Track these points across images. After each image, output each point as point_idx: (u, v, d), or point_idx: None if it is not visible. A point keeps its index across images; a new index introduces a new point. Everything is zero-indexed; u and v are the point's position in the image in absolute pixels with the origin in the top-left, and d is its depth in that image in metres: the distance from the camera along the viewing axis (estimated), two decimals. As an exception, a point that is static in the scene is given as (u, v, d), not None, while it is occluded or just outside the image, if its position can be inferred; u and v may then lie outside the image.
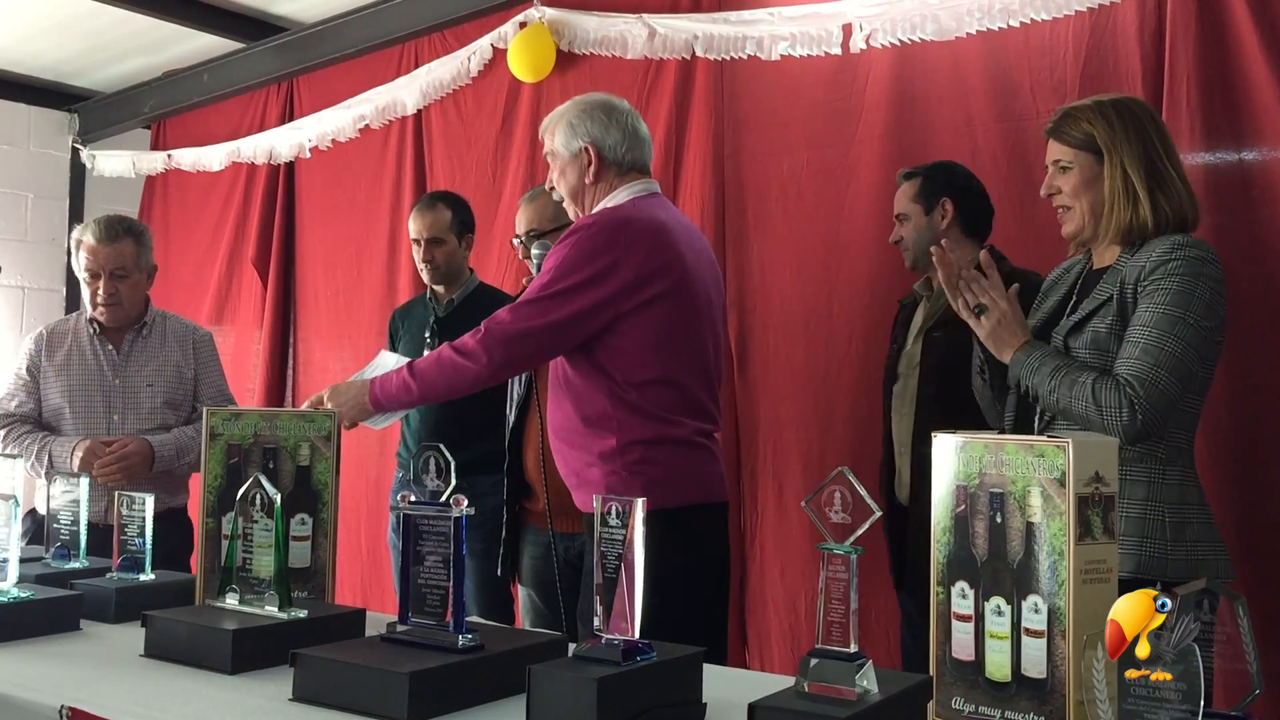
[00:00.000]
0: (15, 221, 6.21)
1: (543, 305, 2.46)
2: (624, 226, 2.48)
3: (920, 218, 3.10)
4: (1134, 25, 3.15)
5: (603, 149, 2.60)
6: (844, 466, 1.46)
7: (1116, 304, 2.18)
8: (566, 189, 2.66)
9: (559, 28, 4.30)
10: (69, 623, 2.13)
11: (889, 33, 3.55)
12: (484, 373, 2.49)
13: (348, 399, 2.56)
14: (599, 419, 2.48)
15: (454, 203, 3.82)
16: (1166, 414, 2.11)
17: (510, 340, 2.47)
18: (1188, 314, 2.11)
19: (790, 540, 3.67)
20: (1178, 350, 2.10)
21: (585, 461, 2.51)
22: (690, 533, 2.48)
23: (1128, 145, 2.24)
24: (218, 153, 5.80)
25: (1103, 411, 2.10)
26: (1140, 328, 2.13)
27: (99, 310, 3.49)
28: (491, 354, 2.46)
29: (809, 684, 1.44)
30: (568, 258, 2.47)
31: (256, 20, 5.40)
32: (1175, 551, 2.12)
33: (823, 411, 3.66)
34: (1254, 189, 2.95)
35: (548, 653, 1.72)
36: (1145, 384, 2.08)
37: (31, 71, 6.11)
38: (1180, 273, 2.14)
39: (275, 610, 1.91)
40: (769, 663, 3.67)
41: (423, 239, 3.73)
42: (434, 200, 3.82)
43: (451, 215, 3.75)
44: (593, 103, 2.66)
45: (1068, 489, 1.41)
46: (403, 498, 1.77)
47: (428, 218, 3.74)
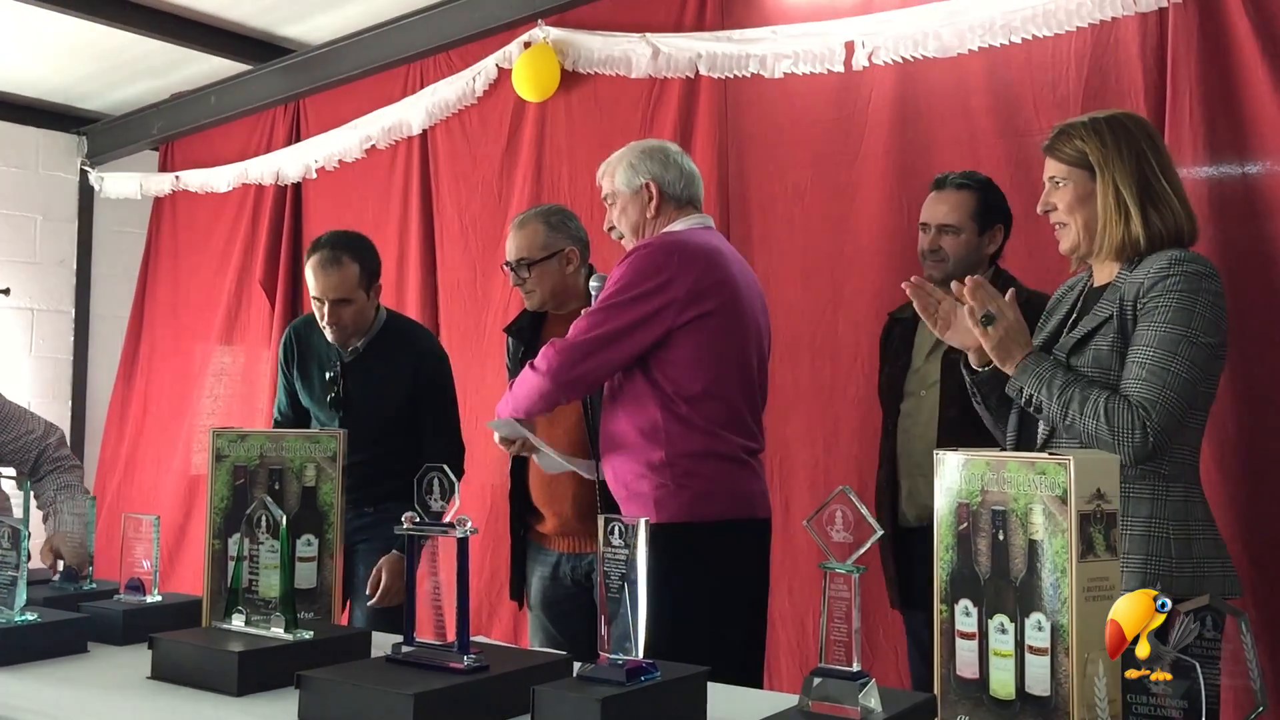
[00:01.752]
0: (25, 243, 6.24)
1: (600, 316, 2.58)
2: (679, 247, 2.62)
3: (974, 236, 2.97)
4: (1136, 41, 3.16)
5: (663, 185, 2.74)
6: (845, 486, 1.46)
7: (1117, 321, 2.19)
8: (628, 224, 2.77)
9: (563, 47, 4.32)
10: (76, 645, 2.14)
11: (891, 50, 3.56)
12: (547, 384, 2.59)
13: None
14: (650, 430, 2.57)
15: (359, 252, 3.28)
16: (1174, 435, 2.11)
17: (569, 350, 2.58)
18: (1190, 331, 2.11)
19: (798, 557, 3.66)
20: (1183, 371, 2.10)
21: (636, 473, 2.59)
22: (731, 546, 2.60)
23: (1120, 162, 2.25)
24: (225, 174, 5.82)
25: (1115, 432, 2.09)
26: (1144, 348, 2.13)
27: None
28: (551, 363, 2.58)
29: (812, 703, 1.44)
30: (625, 274, 2.59)
31: (263, 42, 5.43)
32: (1181, 568, 2.12)
33: (829, 427, 3.66)
34: (1258, 202, 2.95)
35: (552, 673, 1.72)
36: (1156, 407, 2.08)
37: (40, 95, 6.16)
38: (1179, 289, 2.14)
39: (281, 632, 1.92)
40: (777, 680, 3.65)
41: (326, 300, 3.22)
42: (336, 254, 3.22)
43: (359, 270, 3.23)
44: (650, 145, 2.82)
45: (1069, 506, 1.41)
46: (407, 518, 1.77)
47: (332, 277, 3.20)
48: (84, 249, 6.47)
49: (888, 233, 3.57)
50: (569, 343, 2.58)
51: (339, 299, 3.21)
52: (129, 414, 6.15)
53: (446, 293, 4.80)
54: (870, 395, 3.53)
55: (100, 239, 6.51)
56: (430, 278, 4.87)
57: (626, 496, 2.63)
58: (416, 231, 4.92)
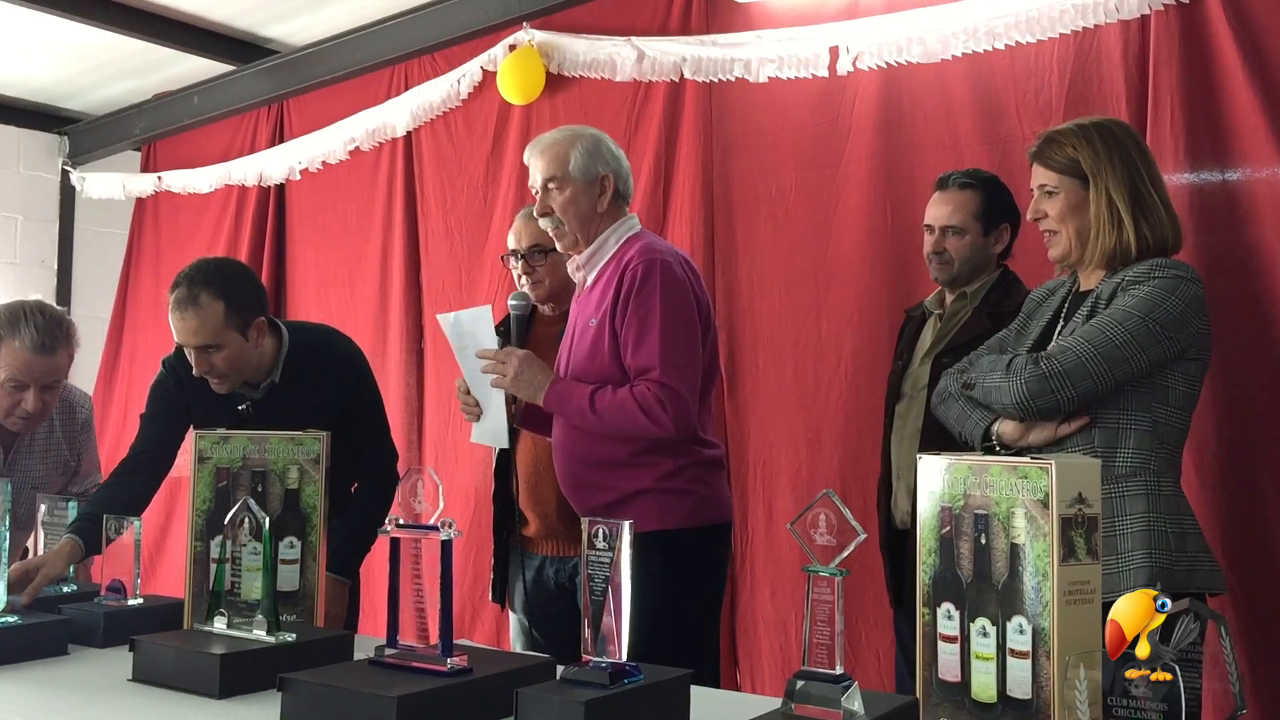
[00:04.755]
0: (5, 244, 6.20)
1: (686, 354, 2.55)
2: (683, 261, 2.65)
3: (979, 236, 2.92)
4: (1118, 48, 3.18)
5: (618, 180, 2.69)
6: (829, 490, 1.47)
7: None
8: (577, 216, 2.66)
9: (548, 50, 4.33)
10: (56, 647, 2.13)
11: (875, 55, 3.57)
12: (670, 431, 2.52)
13: (530, 378, 2.61)
14: (663, 442, 2.56)
15: (224, 286, 2.71)
16: (1076, 378, 2.14)
17: (685, 400, 2.52)
18: (1147, 317, 2.14)
19: (780, 561, 3.67)
20: (1117, 338, 2.13)
21: (645, 484, 2.58)
22: (719, 549, 2.71)
23: (1112, 170, 2.26)
24: (208, 175, 5.80)
25: (1009, 374, 2.17)
26: (1090, 322, 2.18)
27: (11, 420, 3.04)
28: (673, 414, 2.50)
29: (795, 706, 1.44)
30: (666, 301, 2.54)
31: (247, 43, 5.41)
32: (1180, 563, 2.13)
33: (812, 431, 3.67)
34: (1238, 209, 2.97)
35: (535, 676, 1.72)
36: (1059, 349, 2.16)
37: (21, 94, 6.12)
38: (1154, 285, 2.17)
39: (264, 634, 1.92)
40: (760, 684, 3.66)
41: (190, 346, 2.72)
42: (192, 292, 2.68)
43: (223, 308, 2.69)
44: (599, 135, 2.73)
45: (1051, 510, 1.42)
46: (391, 521, 1.77)
47: (189, 321, 2.68)
48: (65, 250, 6.42)
49: (871, 237, 3.58)
50: (680, 393, 2.51)
51: (203, 345, 2.69)
52: (110, 415, 6.12)
53: (431, 295, 4.79)
54: (854, 397, 3.55)
55: (81, 240, 6.47)
56: (414, 280, 4.86)
57: (630, 503, 2.59)
58: (401, 234, 4.90)
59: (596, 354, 2.61)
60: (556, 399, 2.60)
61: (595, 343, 2.61)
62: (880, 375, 3.36)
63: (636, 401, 2.52)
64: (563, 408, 2.61)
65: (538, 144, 2.72)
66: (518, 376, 2.61)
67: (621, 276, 2.58)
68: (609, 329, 2.59)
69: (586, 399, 2.55)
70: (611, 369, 2.59)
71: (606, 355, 2.59)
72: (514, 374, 2.61)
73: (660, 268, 2.56)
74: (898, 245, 3.51)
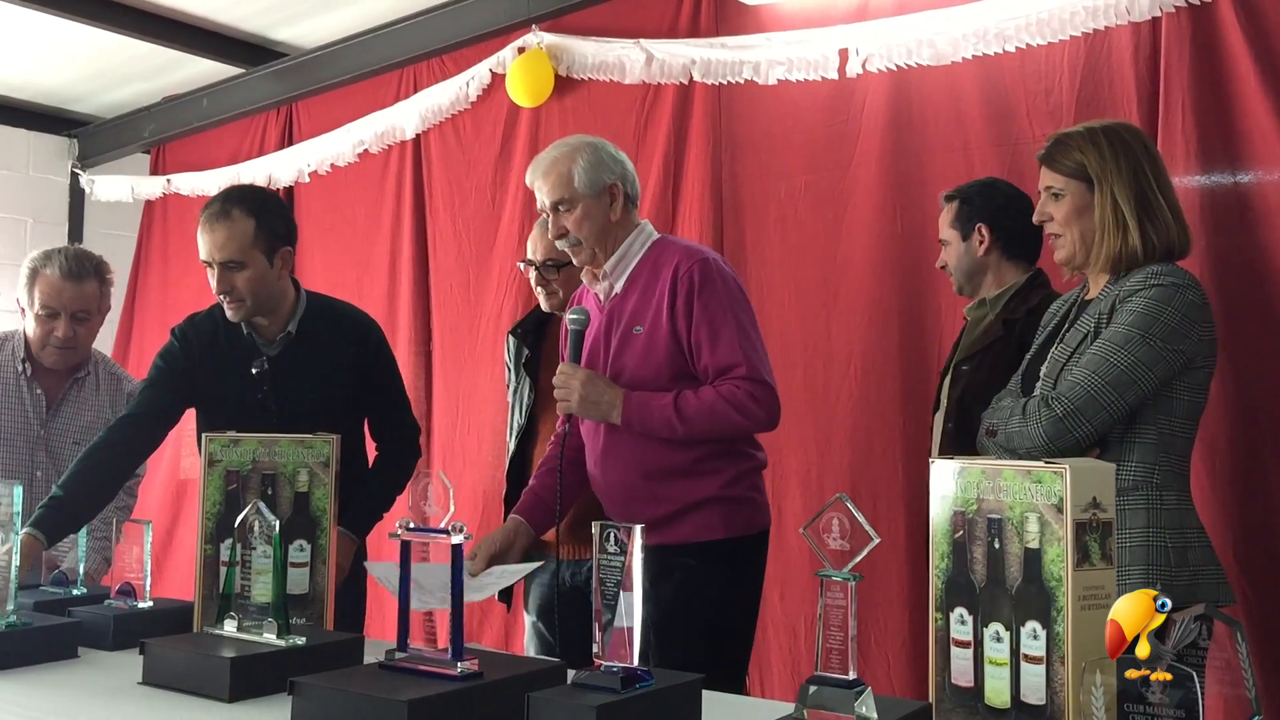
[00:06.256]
0: (15, 246, 6.20)
1: (753, 344, 2.55)
2: (724, 260, 2.68)
3: (958, 244, 2.98)
4: (1129, 50, 3.16)
5: (625, 185, 2.64)
6: (842, 494, 1.46)
7: (1093, 337, 2.20)
8: (592, 230, 2.60)
9: (557, 53, 4.32)
10: (67, 650, 2.13)
11: (885, 58, 3.57)
12: (766, 426, 2.56)
13: (598, 398, 2.53)
14: (722, 450, 2.57)
15: (256, 205, 2.76)
16: (1090, 412, 2.13)
17: (772, 390, 2.54)
18: (1147, 334, 2.13)
19: (789, 563, 3.66)
20: (1122, 363, 2.12)
21: (709, 492, 2.57)
22: (765, 554, 2.73)
23: (1118, 174, 2.25)
24: (217, 177, 5.80)
25: (1026, 419, 2.15)
26: (1090, 350, 2.17)
27: (48, 351, 3.23)
28: (768, 409, 2.53)
29: (808, 711, 1.44)
30: (730, 299, 2.54)
31: (256, 46, 5.42)
32: (1179, 576, 2.12)
33: (821, 434, 3.66)
34: (1250, 211, 2.96)
35: (546, 680, 1.72)
36: (1073, 388, 2.14)
37: (31, 97, 6.13)
38: (1149, 297, 2.16)
39: (274, 637, 1.91)
40: (769, 689, 3.65)
41: (213, 262, 2.73)
42: (225, 207, 2.72)
43: (254, 226, 2.71)
44: (597, 143, 2.67)
45: (1065, 515, 1.41)
46: (402, 525, 1.77)
47: (218, 233, 2.70)
48: (74, 252, 6.44)
49: (881, 240, 3.57)
50: (769, 385, 2.52)
51: (227, 260, 2.69)
52: (119, 416, 6.13)
53: (439, 297, 4.79)
54: (864, 400, 3.54)
55: (91, 242, 6.43)
56: (423, 282, 4.86)
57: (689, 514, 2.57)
58: (409, 236, 4.91)
59: (649, 361, 2.54)
60: (636, 413, 2.51)
61: (647, 350, 2.55)
62: (890, 378, 3.36)
63: (727, 401, 2.47)
64: (645, 421, 2.51)
65: (538, 166, 2.65)
66: (585, 399, 2.52)
67: (675, 282, 2.53)
68: (666, 334, 2.53)
69: (671, 408, 2.48)
70: (667, 375, 2.53)
71: (662, 361, 2.53)
72: (580, 397, 2.53)
73: (714, 267, 2.57)
74: (908, 247, 3.51)
